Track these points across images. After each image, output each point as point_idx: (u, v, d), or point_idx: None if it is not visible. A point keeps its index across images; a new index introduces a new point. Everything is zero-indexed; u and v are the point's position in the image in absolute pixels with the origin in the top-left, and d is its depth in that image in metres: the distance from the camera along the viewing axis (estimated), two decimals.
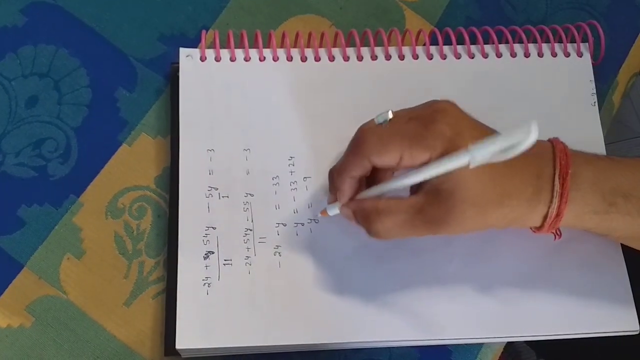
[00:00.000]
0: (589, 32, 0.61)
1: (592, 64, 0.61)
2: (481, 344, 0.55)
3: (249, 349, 0.52)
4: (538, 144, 0.48)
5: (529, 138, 0.41)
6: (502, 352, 0.57)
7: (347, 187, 0.50)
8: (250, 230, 0.53)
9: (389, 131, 0.47)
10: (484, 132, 0.48)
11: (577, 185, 0.48)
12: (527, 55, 0.60)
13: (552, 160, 0.48)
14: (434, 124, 0.46)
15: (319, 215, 0.53)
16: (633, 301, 0.54)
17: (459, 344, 0.54)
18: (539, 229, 0.50)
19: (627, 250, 0.55)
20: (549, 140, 0.50)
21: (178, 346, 0.50)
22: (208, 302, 0.51)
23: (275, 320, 0.51)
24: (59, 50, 0.59)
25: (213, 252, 0.52)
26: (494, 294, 0.53)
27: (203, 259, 0.52)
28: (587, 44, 0.61)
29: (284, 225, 0.54)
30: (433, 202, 0.47)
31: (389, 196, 0.49)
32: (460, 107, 0.48)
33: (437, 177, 0.46)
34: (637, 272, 0.55)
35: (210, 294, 0.51)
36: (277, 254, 0.53)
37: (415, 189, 0.49)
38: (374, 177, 0.50)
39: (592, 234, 0.52)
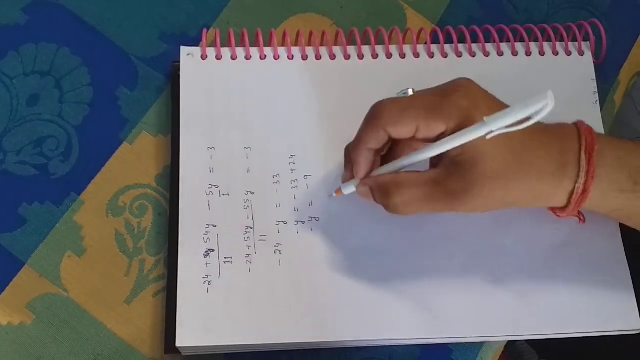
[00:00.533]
0: (590, 31, 0.60)
1: (594, 63, 0.61)
2: (482, 343, 0.54)
3: (249, 347, 0.52)
4: (562, 124, 0.49)
5: (546, 107, 0.42)
6: (503, 352, 0.57)
7: (364, 160, 0.49)
8: (251, 228, 0.53)
9: (405, 102, 0.47)
10: (501, 106, 0.48)
11: (603, 161, 0.47)
12: (528, 54, 0.60)
13: (577, 137, 0.48)
14: (451, 95, 0.47)
15: (334, 194, 0.53)
16: (635, 300, 0.53)
17: (459, 343, 0.54)
18: (564, 209, 0.49)
19: (629, 250, 0.55)
20: (573, 122, 0.50)
21: (178, 344, 0.50)
22: (208, 300, 0.51)
23: (275, 319, 0.51)
24: (61, 48, 0.59)
25: (213, 250, 0.52)
26: (495, 292, 0.53)
27: (203, 256, 0.52)
28: (588, 42, 0.61)
29: (285, 223, 0.53)
30: (453, 174, 0.47)
31: (407, 170, 0.49)
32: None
33: (456, 150, 0.46)
34: (639, 270, 0.55)
35: (211, 292, 0.51)
36: (278, 252, 0.53)
37: (435, 163, 0.48)
38: (390, 154, 0.50)
39: (601, 226, 0.52)
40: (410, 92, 0.49)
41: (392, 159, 0.50)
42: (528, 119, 0.43)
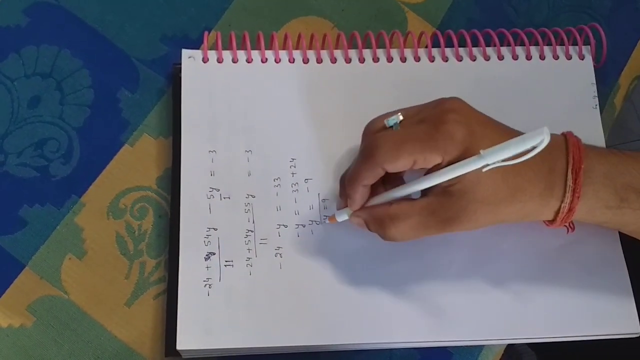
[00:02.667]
0: (590, 34, 0.61)
1: (594, 66, 0.61)
2: (482, 346, 0.55)
3: (250, 350, 0.52)
4: (551, 137, 0.49)
5: (541, 144, 0.42)
6: (503, 354, 0.57)
7: (359, 195, 0.50)
8: (252, 231, 0.53)
9: (400, 136, 0.47)
10: (495, 128, 0.48)
11: (590, 180, 0.48)
12: (528, 58, 0.60)
13: (565, 155, 0.48)
14: (444, 124, 0.46)
15: (327, 221, 0.53)
16: (634, 303, 0.54)
17: (459, 346, 0.54)
18: (551, 222, 0.50)
19: (628, 253, 0.55)
20: (562, 133, 0.50)
21: (179, 347, 0.50)
22: (209, 303, 0.51)
23: (275, 322, 0.51)
24: (62, 50, 0.59)
25: (214, 253, 0.52)
26: (494, 296, 0.53)
27: (204, 259, 0.52)
28: (588, 46, 0.61)
29: (285, 226, 0.54)
30: (445, 203, 0.47)
31: (398, 200, 0.49)
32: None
33: (449, 180, 0.46)
34: (638, 274, 0.55)
35: (211, 295, 0.51)
36: (278, 255, 0.53)
37: (425, 190, 0.49)
38: (382, 179, 0.50)
39: (600, 231, 0.53)
40: (400, 117, 0.48)
41: (384, 182, 0.50)
42: (524, 152, 0.44)
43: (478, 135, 0.46)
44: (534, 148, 0.43)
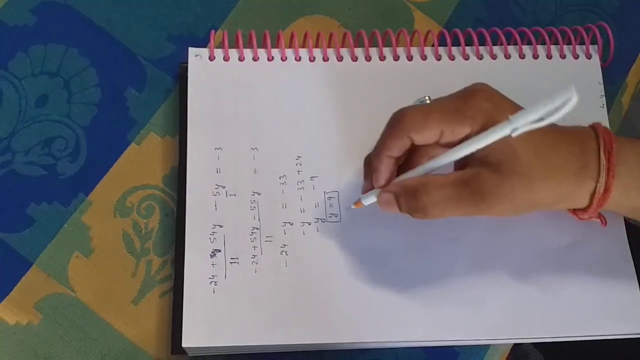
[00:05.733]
0: (598, 34, 0.60)
1: (601, 66, 0.60)
2: (488, 345, 0.54)
3: (255, 347, 0.52)
4: (579, 127, 0.49)
5: (570, 101, 0.42)
6: (509, 354, 0.56)
7: (385, 167, 0.49)
8: (257, 229, 0.53)
9: (427, 108, 0.48)
10: (519, 106, 0.48)
11: (623, 159, 0.48)
12: (535, 57, 0.60)
13: (595, 138, 0.48)
14: (472, 98, 0.47)
15: (352, 206, 0.52)
16: None
17: (465, 345, 0.54)
18: (585, 210, 0.49)
19: (635, 252, 0.55)
20: (589, 125, 0.50)
21: (184, 344, 0.50)
22: (214, 300, 0.51)
23: (281, 320, 0.51)
24: (69, 49, 0.59)
25: (220, 251, 0.52)
26: (500, 295, 0.53)
27: (210, 257, 0.52)
28: (596, 46, 0.61)
29: (291, 224, 0.54)
30: (480, 174, 0.46)
31: (431, 174, 0.48)
32: None
33: (482, 152, 0.46)
34: None
35: (217, 292, 0.51)
36: (284, 253, 0.53)
37: (459, 165, 0.48)
38: (406, 165, 0.50)
39: (607, 229, 0.52)
40: (427, 100, 0.49)
41: (408, 169, 0.49)
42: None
43: (504, 107, 0.46)
44: (562, 107, 0.42)
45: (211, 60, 0.58)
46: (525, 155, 0.46)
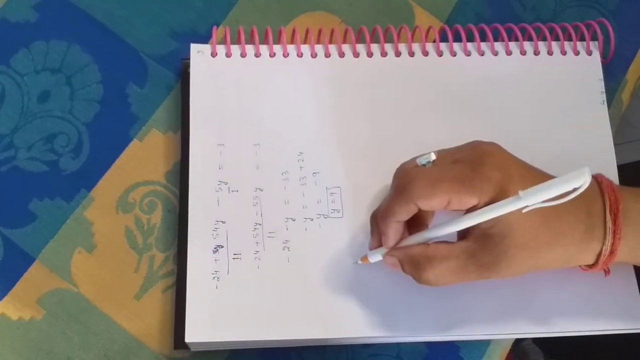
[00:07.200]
0: (598, 30, 0.60)
1: (602, 62, 0.61)
2: (489, 341, 0.55)
3: (257, 342, 0.52)
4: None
5: (584, 185, 0.41)
6: (510, 352, 0.57)
7: (393, 232, 0.48)
8: (260, 224, 0.53)
9: (435, 174, 0.46)
10: (532, 173, 0.47)
11: (630, 220, 0.47)
12: (536, 53, 0.60)
13: (600, 197, 0.47)
14: (482, 167, 0.46)
15: (359, 262, 0.52)
16: None
17: (467, 340, 0.54)
18: (591, 267, 0.49)
19: None
20: (593, 176, 0.48)
21: (187, 339, 0.50)
22: (217, 295, 0.51)
23: (283, 315, 0.51)
24: (71, 46, 0.59)
25: (222, 246, 0.53)
26: (501, 290, 0.53)
27: (212, 252, 0.52)
28: (596, 42, 0.61)
29: (293, 220, 0.54)
30: (485, 246, 0.46)
31: (435, 242, 0.48)
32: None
33: (488, 222, 0.45)
34: None
35: (220, 287, 0.52)
36: (286, 248, 0.53)
37: (463, 233, 0.48)
38: (415, 219, 0.49)
39: None
40: (433, 156, 0.47)
41: (417, 223, 0.49)
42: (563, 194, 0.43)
43: (515, 178, 0.46)
44: (574, 190, 0.42)
45: (213, 56, 0.58)
46: (531, 226, 0.46)
